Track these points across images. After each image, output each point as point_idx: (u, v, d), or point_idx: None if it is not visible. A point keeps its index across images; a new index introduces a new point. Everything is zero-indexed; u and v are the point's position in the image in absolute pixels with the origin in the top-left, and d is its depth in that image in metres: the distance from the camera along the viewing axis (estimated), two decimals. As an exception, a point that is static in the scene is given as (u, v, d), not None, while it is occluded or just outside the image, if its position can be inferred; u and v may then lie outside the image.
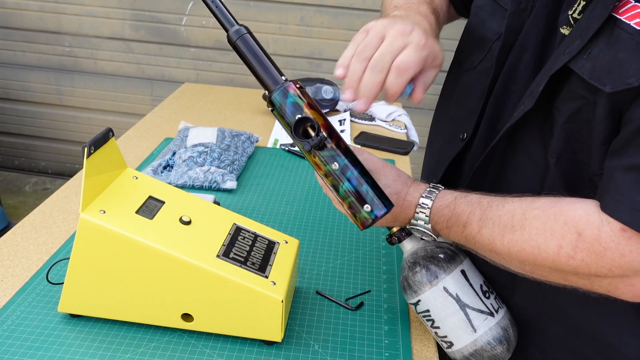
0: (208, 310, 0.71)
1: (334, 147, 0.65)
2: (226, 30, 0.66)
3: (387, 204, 0.64)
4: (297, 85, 0.66)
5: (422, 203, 0.70)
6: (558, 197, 0.64)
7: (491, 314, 0.71)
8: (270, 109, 0.66)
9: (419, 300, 0.72)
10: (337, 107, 1.62)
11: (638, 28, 0.56)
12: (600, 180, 0.63)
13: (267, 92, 0.66)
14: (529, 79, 0.72)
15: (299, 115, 0.64)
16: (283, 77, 0.66)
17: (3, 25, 2.68)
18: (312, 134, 0.65)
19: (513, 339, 0.73)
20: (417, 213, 0.70)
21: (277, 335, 0.72)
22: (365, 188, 0.64)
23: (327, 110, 1.57)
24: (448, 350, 0.74)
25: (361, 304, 0.83)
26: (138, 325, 0.76)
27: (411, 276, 0.73)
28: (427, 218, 0.70)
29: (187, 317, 0.73)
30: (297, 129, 0.64)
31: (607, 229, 0.58)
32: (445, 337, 0.72)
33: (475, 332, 0.70)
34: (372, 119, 1.58)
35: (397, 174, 0.72)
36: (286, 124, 0.65)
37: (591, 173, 0.66)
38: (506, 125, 0.70)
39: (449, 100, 0.93)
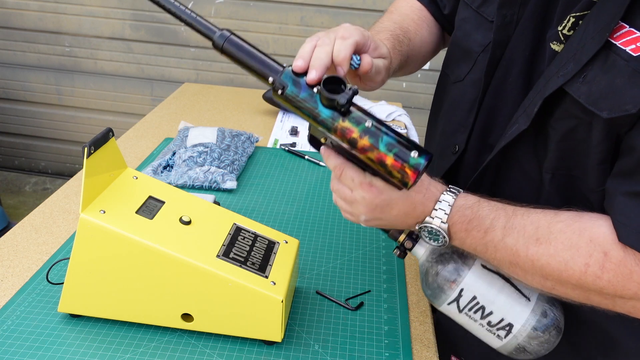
0: (208, 310, 0.71)
1: (355, 109, 0.61)
2: (210, 38, 0.65)
3: (428, 152, 0.60)
4: None
5: (444, 199, 0.65)
6: (579, 211, 0.63)
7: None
8: (279, 92, 0.62)
9: (462, 290, 0.67)
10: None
11: (634, 55, 0.56)
12: (595, 196, 0.63)
13: (271, 79, 0.63)
14: (519, 93, 0.72)
15: (326, 75, 0.61)
16: (283, 65, 0.64)
17: (3, 25, 2.68)
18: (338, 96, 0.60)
19: (560, 306, 0.68)
20: (436, 209, 0.65)
21: (277, 335, 0.72)
22: (404, 139, 0.60)
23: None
24: (508, 338, 0.67)
25: (361, 304, 0.83)
26: (138, 325, 0.76)
27: (443, 268, 0.68)
28: (446, 216, 0.65)
29: (187, 317, 0.73)
30: (326, 86, 0.60)
31: (630, 252, 0.57)
32: (502, 320, 0.66)
33: (529, 300, 0.66)
34: (372, 119, 1.58)
35: None
36: (300, 102, 0.61)
37: (586, 189, 0.65)
38: (500, 142, 0.70)
39: (438, 113, 0.93)
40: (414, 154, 0.59)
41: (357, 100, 1.67)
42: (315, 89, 0.61)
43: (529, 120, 0.65)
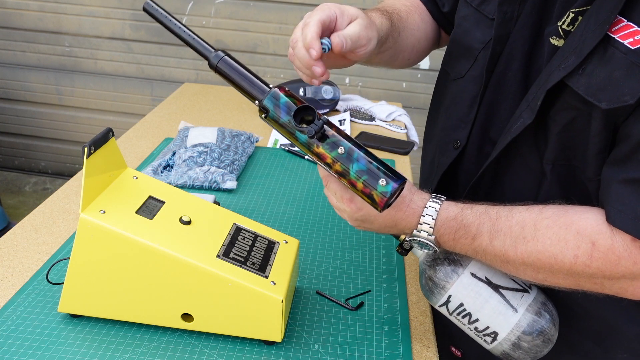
0: (208, 310, 0.71)
1: (335, 133, 0.65)
2: (206, 58, 0.68)
3: (400, 176, 0.64)
4: (286, 89, 0.67)
5: (427, 214, 0.68)
6: (564, 205, 0.65)
7: (526, 291, 0.69)
8: (263, 116, 0.66)
9: (450, 296, 0.70)
10: (337, 107, 1.62)
11: (632, 47, 0.58)
12: (593, 185, 0.66)
13: (257, 101, 0.67)
14: (518, 87, 0.74)
15: (299, 105, 0.65)
16: (269, 86, 0.67)
17: (3, 25, 2.68)
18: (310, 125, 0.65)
19: (555, 313, 0.70)
20: (421, 224, 0.68)
21: (277, 335, 0.72)
22: (375, 165, 0.64)
23: (327, 110, 1.57)
24: (493, 344, 0.70)
25: (361, 304, 0.83)
26: (138, 325, 0.76)
27: (434, 273, 0.71)
28: (431, 229, 0.68)
29: (187, 317, 0.73)
30: (296, 119, 0.64)
31: (619, 239, 0.60)
32: (487, 328, 0.69)
33: (517, 311, 0.67)
34: (372, 119, 1.58)
35: None
36: (282, 126, 0.65)
37: (585, 178, 0.67)
38: (505, 137, 0.72)
39: (438, 110, 0.94)
40: (381, 182, 0.63)
41: (358, 100, 1.67)
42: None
43: (533, 114, 0.67)
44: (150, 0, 0.69)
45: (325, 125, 0.64)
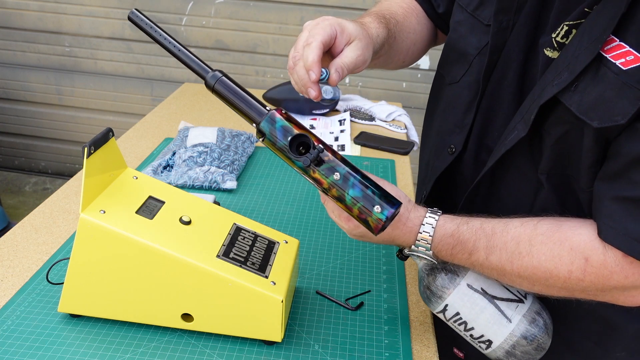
0: (208, 310, 0.71)
1: (331, 158, 0.65)
2: (203, 77, 0.68)
3: (396, 201, 0.65)
4: (283, 111, 0.67)
5: (424, 231, 0.69)
6: (558, 220, 0.66)
7: (521, 301, 0.70)
8: (260, 139, 0.66)
9: (446, 305, 0.71)
10: (337, 107, 1.62)
11: (623, 68, 0.58)
12: (586, 195, 0.67)
13: (254, 124, 0.66)
14: (514, 96, 0.75)
15: (292, 135, 0.65)
16: (267, 108, 0.67)
17: (3, 25, 2.68)
18: (307, 150, 0.66)
19: (549, 322, 0.71)
20: (418, 241, 0.69)
21: (277, 335, 0.72)
22: (370, 191, 0.64)
23: (327, 110, 1.57)
24: (487, 351, 0.72)
25: (361, 304, 0.83)
26: (138, 325, 0.76)
27: (432, 282, 0.72)
28: (429, 245, 0.69)
29: (187, 317, 0.73)
30: (292, 147, 0.65)
31: (611, 255, 0.61)
32: (482, 336, 0.71)
33: (511, 322, 0.69)
34: (372, 119, 1.58)
35: (397, 194, 0.72)
36: (279, 150, 0.66)
37: (578, 188, 0.68)
38: (500, 149, 0.72)
39: (434, 112, 0.94)
40: (376, 208, 0.64)
41: (358, 100, 1.67)
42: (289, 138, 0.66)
43: (527, 127, 0.67)
44: (136, 10, 0.67)
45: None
